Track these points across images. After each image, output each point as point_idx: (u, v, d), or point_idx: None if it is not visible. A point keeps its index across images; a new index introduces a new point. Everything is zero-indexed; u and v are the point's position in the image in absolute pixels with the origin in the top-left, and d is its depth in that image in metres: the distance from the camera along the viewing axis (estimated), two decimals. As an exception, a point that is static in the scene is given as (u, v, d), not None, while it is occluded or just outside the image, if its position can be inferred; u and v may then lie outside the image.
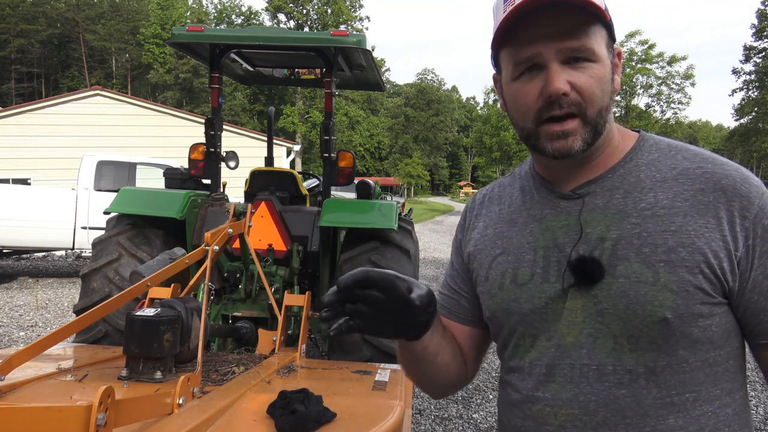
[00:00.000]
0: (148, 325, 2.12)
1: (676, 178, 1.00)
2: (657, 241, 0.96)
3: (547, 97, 0.97)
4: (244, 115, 51.81)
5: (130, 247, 3.81)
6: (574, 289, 1.01)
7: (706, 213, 0.96)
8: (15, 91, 57.73)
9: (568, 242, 1.03)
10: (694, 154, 1.03)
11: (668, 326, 0.95)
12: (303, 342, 3.01)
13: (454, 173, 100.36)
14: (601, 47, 0.99)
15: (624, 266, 0.97)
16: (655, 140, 1.08)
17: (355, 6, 52.58)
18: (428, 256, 14.34)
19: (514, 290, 1.07)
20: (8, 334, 6.69)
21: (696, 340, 0.96)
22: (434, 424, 4.38)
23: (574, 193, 1.06)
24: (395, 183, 52.87)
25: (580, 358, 1.00)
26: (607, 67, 1.00)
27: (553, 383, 1.02)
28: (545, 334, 1.04)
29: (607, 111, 1.00)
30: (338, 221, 3.94)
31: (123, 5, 65.57)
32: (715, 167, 1.00)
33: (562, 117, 0.98)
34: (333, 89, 4.30)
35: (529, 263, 1.07)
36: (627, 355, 0.97)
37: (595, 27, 0.98)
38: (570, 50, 0.96)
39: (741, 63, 41.84)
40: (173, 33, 4.05)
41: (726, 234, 0.95)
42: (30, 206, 9.80)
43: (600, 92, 0.98)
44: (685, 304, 0.94)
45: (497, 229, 1.15)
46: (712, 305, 0.96)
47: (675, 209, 0.97)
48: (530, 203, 1.12)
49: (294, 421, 1.76)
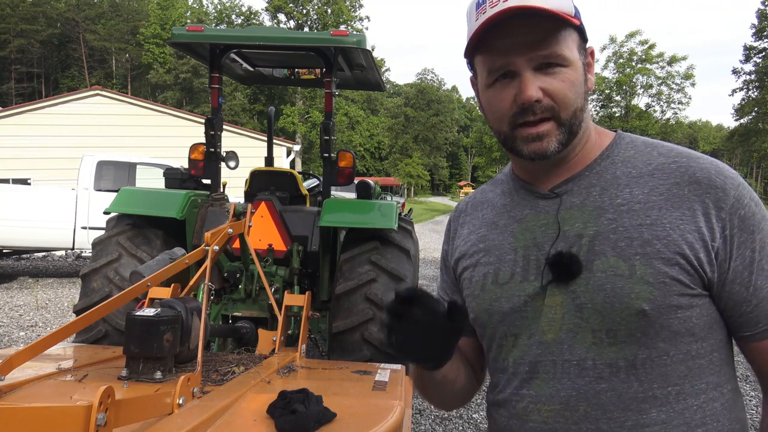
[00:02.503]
0: (148, 325, 2.12)
1: (651, 173, 1.02)
2: (633, 234, 0.97)
3: (520, 104, 0.99)
4: (244, 115, 51.81)
5: (130, 247, 3.81)
6: (552, 286, 1.02)
7: (681, 206, 0.97)
8: (15, 91, 57.73)
9: (547, 241, 1.05)
10: (669, 150, 1.05)
11: (646, 318, 0.95)
12: (303, 342, 3.01)
13: (454, 173, 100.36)
14: (572, 51, 1.01)
15: (601, 261, 0.98)
16: (632, 138, 1.10)
17: (355, 6, 52.58)
18: (428, 256, 14.34)
19: (495, 290, 1.09)
20: (8, 334, 6.69)
21: (676, 332, 0.96)
22: (434, 424, 4.38)
23: (552, 192, 1.08)
24: (395, 183, 52.84)
25: (562, 354, 1.00)
26: (578, 70, 1.02)
27: (537, 380, 1.03)
28: (526, 332, 1.05)
29: (581, 112, 1.03)
30: (338, 221, 3.94)
31: (123, 5, 65.57)
32: (689, 161, 1.01)
33: (536, 121, 1.00)
34: (333, 89, 4.30)
35: (509, 263, 1.08)
36: (607, 349, 0.97)
37: (566, 32, 1.00)
38: (541, 57, 0.99)
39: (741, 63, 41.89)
40: (173, 33, 4.05)
41: (701, 225, 0.96)
42: (30, 206, 9.80)
43: (573, 95, 1.01)
44: (662, 296, 0.94)
45: (480, 233, 1.17)
46: (691, 297, 0.96)
47: (650, 203, 0.99)
48: (511, 205, 1.14)
49: (294, 421, 1.76)
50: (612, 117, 43.82)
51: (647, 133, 36.04)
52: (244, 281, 3.77)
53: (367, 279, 3.65)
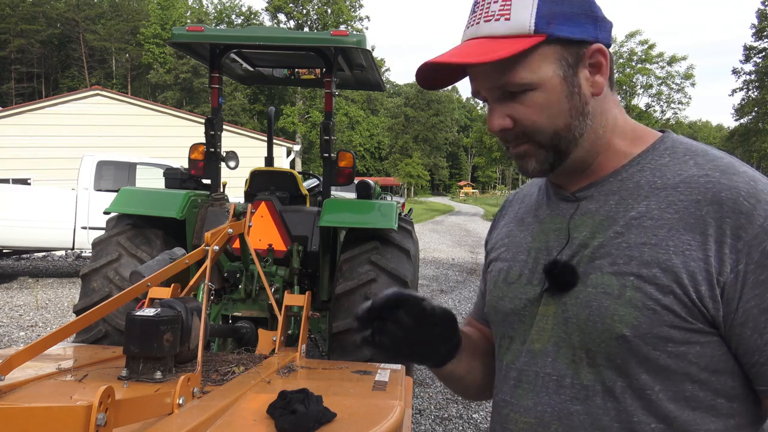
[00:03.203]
0: (148, 325, 2.12)
1: (676, 186, 0.91)
2: (634, 253, 0.89)
3: (491, 132, 0.98)
4: (244, 115, 51.82)
5: (130, 247, 3.81)
6: (547, 294, 0.98)
7: (694, 228, 0.86)
8: (15, 91, 57.74)
9: (557, 246, 0.99)
10: (709, 161, 0.92)
11: (627, 344, 0.87)
12: (303, 342, 3.01)
13: (454, 173, 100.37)
14: (537, 72, 0.91)
15: (596, 275, 0.91)
16: (674, 143, 0.98)
17: (355, 6, 52.61)
18: (428, 256, 14.34)
19: (503, 288, 1.06)
20: (8, 334, 6.69)
21: (664, 367, 0.87)
22: (434, 424, 4.38)
23: (574, 195, 1.01)
24: (395, 183, 52.86)
25: (545, 367, 0.96)
26: (552, 89, 0.92)
27: (519, 389, 1.00)
28: (520, 337, 1.02)
29: (567, 130, 0.94)
30: (338, 221, 3.95)
31: (123, 5, 65.58)
32: (722, 177, 0.88)
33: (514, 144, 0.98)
34: (333, 89, 4.30)
35: (520, 263, 1.05)
36: (585, 369, 0.92)
37: (530, 53, 0.90)
38: (499, 87, 0.94)
39: (741, 63, 41.83)
40: (173, 33, 4.05)
41: (710, 254, 0.84)
42: (30, 206, 9.80)
43: (545, 118, 0.93)
44: (648, 324, 0.86)
45: (509, 228, 1.14)
46: (689, 331, 0.86)
47: (662, 221, 0.89)
48: (539, 203, 1.09)
49: (294, 421, 1.76)
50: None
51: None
52: (244, 281, 3.77)
53: (367, 279, 3.65)
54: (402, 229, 4.02)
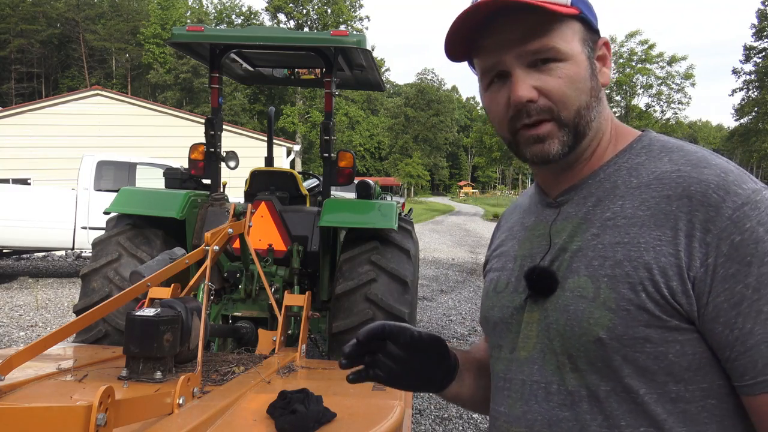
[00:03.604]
0: (148, 325, 2.12)
1: (649, 183, 0.90)
2: (607, 253, 0.88)
3: (514, 106, 0.91)
4: (244, 115, 51.83)
5: (130, 247, 3.81)
6: (530, 301, 0.97)
7: (665, 223, 0.85)
8: (15, 91, 57.73)
9: (539, 252, 0.98)
10: (682, 156, 0.91)
11: (604, 348, 0.85)
12: (303, 342, 3.01)
13: (454, 173, 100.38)
14: (570, 44, 0.91)
15: (573, 279, 0.90)
16: (651, 141, 0.97)
17: (355, 6, 52.60)
18: (428, 256, 14.34)
19: (492, 298, 1.06)
20: (8, 334, 6.69)
21: (645, 368, 0.84)
22: (434, 424, 4.38)
23: (555, 200, 1.01)
24: (395, 183, 52.88)
25: (532, 374, 0.95)
26: (581, 63, 0.92)
27: (509, 398, 0.98)
28: (508, 345, 1.00)
29: (587, 110, 0.93)
30: (338, 221, 3.95)
31: (123, 5, 65.59)
32: (693, 170, 0.87)
33: (534, 123, 0.92)
34: (333, 89, 4.31)
35: (508, 272, 1.05)
36: (569, 375, 0.90)
37: (562, 24, 0.91)
38: (531, 53, 0.90)
39: (741, 63, 41.83)
40: (173, 33, 4.05)
41: (680, 249, 0.83)
42: (30, 206, 9.80)
43: (573, 92, 0.91)
44: (624, 325, 0.84)
45: (502, 238, 1.14)
46: (666, 330, 0.83)
47: (635, 219, 0.88)
48: (527, 211, 1.09)
49: (294, 421, 1.76)
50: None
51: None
52: (244, 281, 3.77)
53: (367, 279, 3.65)
54: (402, 229, 4.02)
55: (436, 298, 9.29)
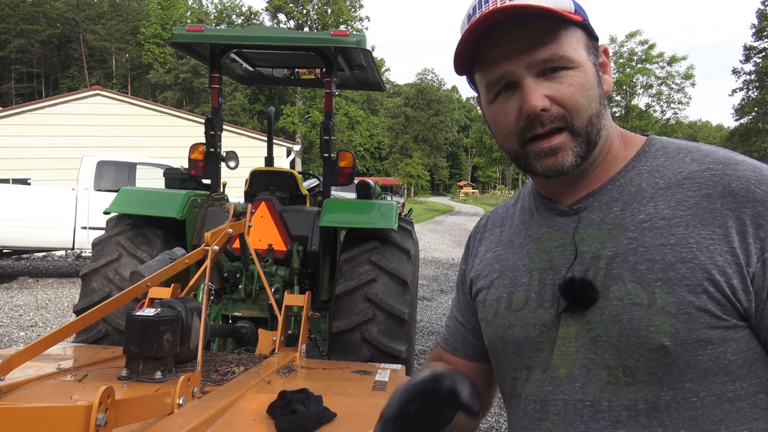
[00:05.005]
0: (148, 325, 2.12)
1: (680, 183, 0.89)
2: (654, 256, 0.85)
3: (526, 116, 0.89)
4: (244, 115, 51.83)
5: (130, 247, 3.81)
6: (566, 315, 0.91)
7: (712, 222, 0.84)
8: (15, 91, 57.74)
9: (564, 263, 0.94)
10: (705, 155, 0.91)
11: (668, 355, 0.82)
12: (303, 342, 3.01)
13: (454, 173, 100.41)
14: (577, 51, 0.91)
15: (618, 287, 0.86)
16: (663, 143, 0.97)
17: (355, 6, 52.60)
18: (428, 256, 14.34)
19: (508, 317, 0.99)
20: (8, 334, 6.69)
21: (706, 370, 0.83)
22: (434, 424, 4.37)
23: (571, 209, 0.97)
24: (395, 183, 52.85)
25: (574, 393, 0.89)
26: (589, 71, 0.91)
27: (546, 421, 0.91)
28: (540, 365, 0.94)
29: (597, 118, 0.92)
30: (338, 221, 3.95)
31: (123, 5, 65.60)
32: (726, 168, 0.87)
33: (547, 133, 0.90)
34: (333, 89, 4.31)
35: (524, 287, 0.99)
36: (624, 389, 0.85)
37: (567, 31, 0.90)
38: (542, 62, 0.89)
39: (741, 63, 41.84)
40: (173, 33, 4.05)
41: (735, 246, 0.82)
42: (30, 206, 9.80)
43: (584, 100, 0.90)
44: (686, 329, 0.82)
45: (496, 252, 1.08)
46: (724, 329, 0.82)
47: (676, 219, 0.86)
48: (529, 223, 1.04)
49: (294, 421, 1.76)
50: (612, 117, 43.73)
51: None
52: (244, 281, 3.77)
53: (367, 279, 3.65)
54: (402, 229, 4.02)
55: (436, 298, 9.29)
